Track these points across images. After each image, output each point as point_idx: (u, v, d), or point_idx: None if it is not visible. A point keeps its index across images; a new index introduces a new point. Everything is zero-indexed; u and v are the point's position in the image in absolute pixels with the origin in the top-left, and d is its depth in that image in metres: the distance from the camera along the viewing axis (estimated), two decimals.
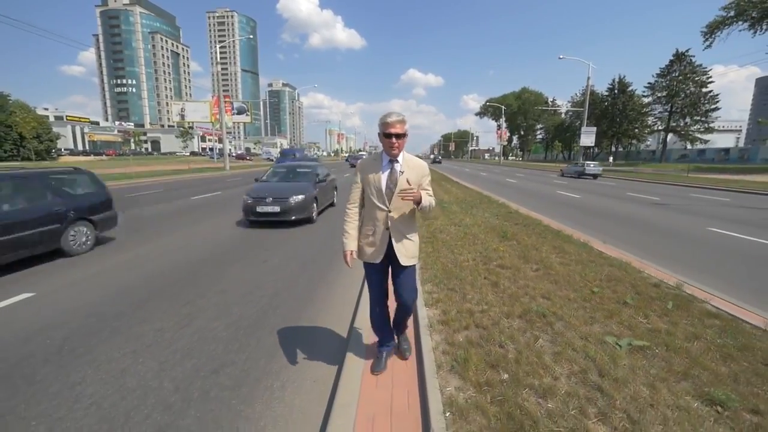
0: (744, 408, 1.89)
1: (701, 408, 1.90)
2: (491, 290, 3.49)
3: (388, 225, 2.14)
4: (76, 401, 2.29)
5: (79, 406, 2.24)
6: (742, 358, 2.36)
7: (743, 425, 1.78)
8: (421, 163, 2.17)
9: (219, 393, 2.37)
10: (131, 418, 2.13)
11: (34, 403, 2.28)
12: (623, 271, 4.09)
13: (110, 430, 2.04)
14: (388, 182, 2.09)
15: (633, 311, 3.06)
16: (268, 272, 4.77)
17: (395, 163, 2.10)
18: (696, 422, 1.78)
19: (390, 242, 2.16)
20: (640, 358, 2.37)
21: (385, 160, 2.12)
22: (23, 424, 2.09)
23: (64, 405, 2.25)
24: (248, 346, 2.94)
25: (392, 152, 2.06)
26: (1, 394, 2.35)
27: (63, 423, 2.09)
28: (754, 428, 1.76)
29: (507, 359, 2.33)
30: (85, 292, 4.08)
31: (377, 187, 2.11)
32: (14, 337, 3.07)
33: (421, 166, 2.16)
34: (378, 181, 2.11)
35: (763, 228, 7.88)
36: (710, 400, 1.95)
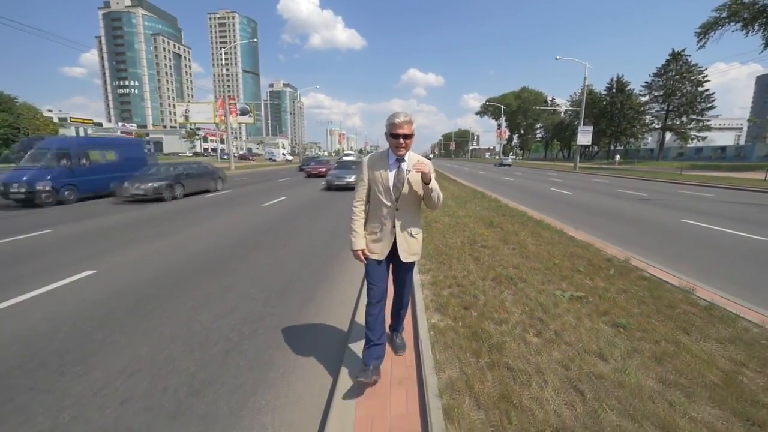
0: (637, 329, 2.73)
1: (608, 329, 2.73)
2: (473, 263, 4.33)
3: (395, 222, 2.20)
4: (160, 337, 3.12)
5: (163, 339, 3.08)
6: (651, 304, 3.18)
7: (632, 337, 2.61)
8: (425, 160, 2.22)
9: (264, 333, 3.20)
10: (204, 347, 2.96)
11: (132, 336, 3.12)
12: (585, 249, 4.93)
13: (190, 353, 2.87)
14: (395, 180, 2.14)
15: (582, 276, 3.89)
16: (287, 254, 5.61)
17: (402, 162, 2.16)
18: (600, 336, 2.62)
19: (395, 239, 2.22)
20: (576, 303, 3.20)
21: (392, 158, 2.17)
22: (129, 348, 2.93)
23: (153, 339, 3.09)
24: (280, 304, 3.78)
25: (399, 152, 2.11)
26: (106, 333, 3.19)
27: (154, 350, 2.92)
28: (638, 339, 2.59)
29: (477, 304, 3.16)
30: (138, 270, 4.92)
31: (385, 185, 2.15)
32: (95, 301, 3.90)
33: (426, 163, 2.18)
34: (386, 179, 2.15)
35: (734, 220, 8.64)
36: (616, 324, 2.78)
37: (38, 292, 4.08)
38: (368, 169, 2.23)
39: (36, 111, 51.64)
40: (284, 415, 2.18)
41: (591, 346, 2.46)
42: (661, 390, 2.04)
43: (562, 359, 2.33)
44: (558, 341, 2.55)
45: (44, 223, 8.18)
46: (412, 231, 2.26)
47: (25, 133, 47.59)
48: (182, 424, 2.12)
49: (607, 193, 14.72)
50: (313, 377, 2.56)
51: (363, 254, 2.24)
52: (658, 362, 2.30)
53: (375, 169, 2.20)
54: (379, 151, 2.33)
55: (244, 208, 10.46)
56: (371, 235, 2.25)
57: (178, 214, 9.45)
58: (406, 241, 2.24)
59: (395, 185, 2.14)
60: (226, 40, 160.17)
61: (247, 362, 2.73)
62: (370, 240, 2.25)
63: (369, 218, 2.28)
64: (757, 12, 29.45)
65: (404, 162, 2.15)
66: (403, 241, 2.23)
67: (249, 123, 46.78)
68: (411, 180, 2.14)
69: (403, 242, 2.22)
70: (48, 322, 3.38)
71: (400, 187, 2.14)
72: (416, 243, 2.30)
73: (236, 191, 14.84)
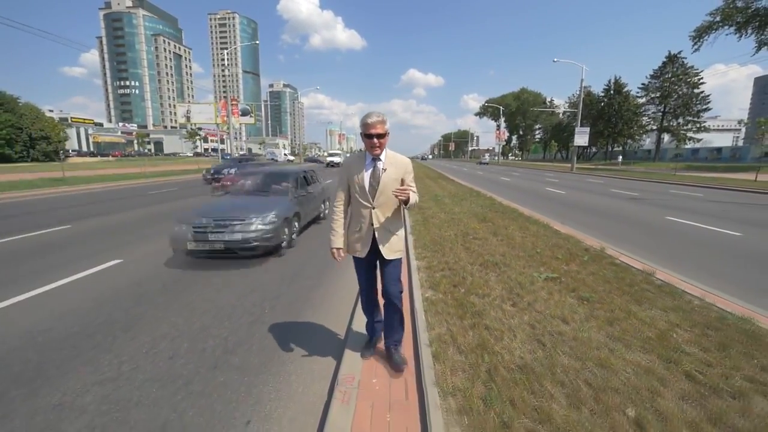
0: (597, 301, 3.25)
1: (573, 301, 3.25)
2: (464, 251, 4.85)
3: (372, 221, 2.22)
4: (193, 311, 3.63)
5: (195, 313, 3.59)
6: (615, 283, 3.70)
7: (592, 307, 3.13)
8: (404, 159, 2.26)
9: (281, 309, 3.71)
10: (231, 318, 3.47)
11: (167, 311, 3.63)
12: (566, 241, 5.45)
13: (220, 323, 3.38)
14: (371, 180, 2.17)
15: (560, 262, 4.41)
16: (294, 250, 6.13)
17: (378, 161, 2.18)
18: (565, 306, 3.14)
19: (374, 238, 2.24)
20: (550, 282, 3.72)
21: (368, 158, 2.20)
22: (166, 320, 3.44)
23: (187, 313, 3.60)
24: (292, 286, 4.30)
25: (374, 152, 2.14)
26: (144, 309, 3.70)
27: (189, 321, 3.43)
28: (597, 308, 3.11)
29: (465, 283, 3.68)
30: (161, 259, 5.41)
31: (361, 185, 2.19)
32: (128, 283, 4.41)
33: (404, 162, 2.24)
34: (362, 179, 2.18)
35: (715, 217, 9.13)
36: (580, 298, 3.30)
37: (76, 277, 4.58)
38: (345, 171, 2.29)
39: (38, 111, 52.02)
40: (305, 365, 2.69)
41: (556, 313, 2.98)
42: (606, 342, 2.56)
43: (530, 321, 2.84)
44: (530, 309, 3.07)
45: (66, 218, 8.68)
46: (391, 228, 2.26)
47: (28, 133, 47.95)
48: (222, 372, 2.62)
49: (601, 193, 15.22)
50: (327, 339, 3.07)
51: (341, 253, 2.33)
52: (609, 324, 2.82)
53: (352, 172, 2.23)
54: (356, 152, 2.40)
55: None
56: (353, 234, 2.30)
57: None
58: (386, 238, 2.24)
59: (371, 184, 2.18)
60: (227, 40, 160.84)
61: (269, 330, 3.25)
62: (352, 239, 2.31)
63: (351, 218, 2.33)
64: (750, 16, 30.07)
65: (380, 161, 2.18)
66: (382, 238, 2.24)
67: (250, 123, 47.29)
68: (386, 179, 2.16)
69: (382, 239, 2.23)
70: (91, 301, 3.88)
71: (375, 186, 2.17)
72: (397, 240, 2.30)
73: None
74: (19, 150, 47.84)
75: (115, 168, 31.31)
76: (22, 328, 3.26)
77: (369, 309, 2.58)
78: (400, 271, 2.38)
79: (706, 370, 2.23)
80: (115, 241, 6.46)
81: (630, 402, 1.93)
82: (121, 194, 14.00)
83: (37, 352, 2.88)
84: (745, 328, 2.73)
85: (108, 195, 13.80)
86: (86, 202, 11.88)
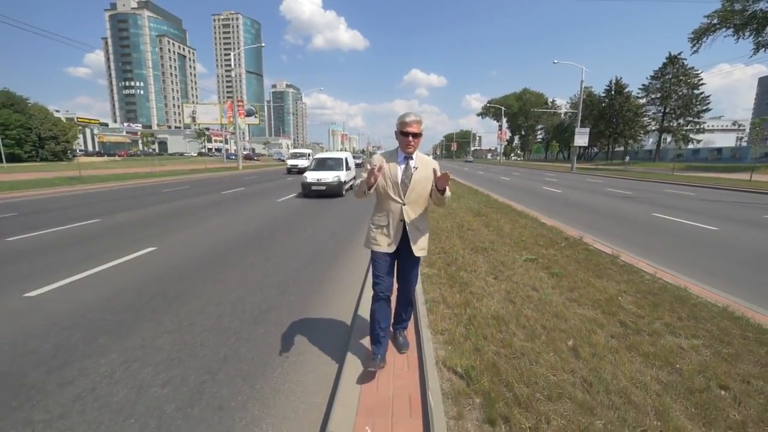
0: (565, 276, 3.93)
1: (544, 275, 3.94)
2: (458, 240, 5.54)
3: (402, 217, 2.27)
4: (228, 286, 4.33)
5: (231, 287, 4.30)
6: (584, 263, 4.39)
7: (560, 280, 3.82)
8: (432, 160, 2.36)
9: (302, 283, 4.42)
10: (263, 290, 4.18)
11: (206, 287, 4.35)
12: (550, 231, 6.14)
13: (254, 294, 4.08)
14: (403, 177, 2.25)
15: (540, 247, 5.10)
16: (308, 237, 6.84)
17: (410, 160, 2.27)
18: (537, 279, 3.83)
19: (404, 234, 2.29)
20: (528, 262, 4.41)
21: (401, 156, 2.29)
22: (206, 293, 4.16)
23: (224, 287, 4.31)
24: (309, 268, 5.00)
25: (408, 150, 2.23)
26: (185, 285, 4.42)
27: (227, 293, 4.14)
28: (563, 281, 3.79)
29: (457, 263, 4.38)
30: (191, 247, 6.14)
31: (394, 180, 2.26)
32: (167, 266, 5.12)
33: (433, 162, 2.34)
34: (395, 174, 2.26)
35: (699, 214, 9.74)
36: (551, 273, 3.99)
37: (120, 261, 5.27)
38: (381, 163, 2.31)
39: (47, 112, 52.95)
40: (325, 319, 3.39)
41: (529, 283, 3.67)
42: (564, 302, 3.25)
43: (507, 289, 3.54)
44: (508, 281, 3.76)
45: (94, 213, 9.43)
46: (419, 226, 2.35)
47: (37, 133, 48.79)
48: (261, 326, 3.33)
49: (596, 192, 15.82)
50: (344, 305, 3.77)
51: (376, 170, 2.15)
52: (570, 291, 3.51)
53: (385, 166, 2.28)
54: (389, 150, 2.47)
55: (264, 201, 11.70)
56: (378, 228, 2.34)
57: (212, 206, 10.71)
58: (415, 235, 2.32)
59: (403, 181, 2.25)
60: (230, 41, 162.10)
61: (295, 297, 3.96)
62: (377, 233, 2.34)
63: (376, 211, 2.39)
64: (747, 19, 30.56)
65: (412, 160, 2.27)
66: (413, 235, 2.31)
67: (255, 124, 48.10)
68: (418, 176, 2.25)
69: (412, 236, 2.31)
70: (139, 279, 4.59)
71: (407, 183, 2.25)
72: (424, 238, 2.40)
73: (251, 188, 16.10)
74: (28, 150, 48.48)
75: (124, 167, 32.16)
76: (90, 298, 3.97)
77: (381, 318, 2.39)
78: (419, 268, 2.52)
79: (636, 319, 2.91)
80: (145, 233, 7.18)
81: (571, 337, 2.62)
82: (137, 192, 14.76)
83: (110, 313, 3.59)
84: (679, 294, 3.42)
85: (126, 192, 14.56)
86: (107, 199, 12.64)
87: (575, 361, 2.33)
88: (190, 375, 2.55)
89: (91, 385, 2.44)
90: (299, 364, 2.72)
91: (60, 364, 2.68)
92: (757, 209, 10.99)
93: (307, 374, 2.58)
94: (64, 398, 2.31)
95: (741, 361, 2.35)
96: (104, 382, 2.47)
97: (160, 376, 2.55)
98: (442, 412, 1.83)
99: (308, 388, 2.43)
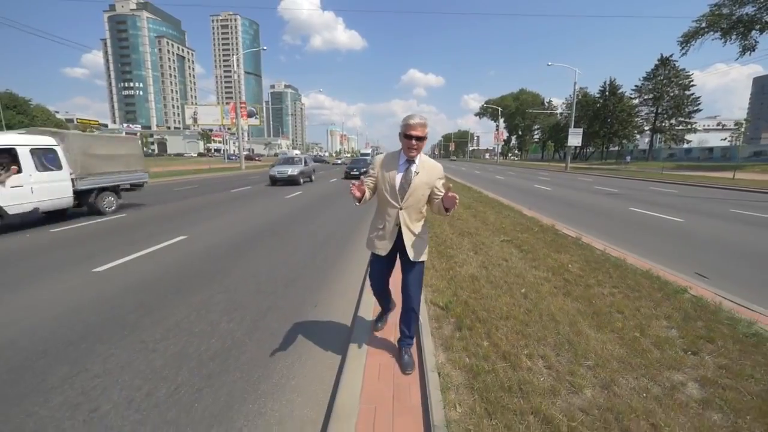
0: (531, 251, 4.91)
1: (514, 251, 4.93)
2: (448, 227, 6.51)
3: (399, 221, 2.25)
4: (257, 264, 5.27)
5: (256, 266, 5.24)
6: (550, 243, 5.36)
7: (527, 254, 4.78)
8: (437, 165, 2.28)
9: (318, 263, 5.37)
10: (287, 267, 5.12)
11: (236, 266, 5.29)
12: (528, 221, 7.12)
13: (277, 270, 5.02)
14: (402, 181, 2.20)
15: (516, 232, 6.07)
16: (318, 227, 7.80)
17: (412, 164, 2.20)
18: (508, 253, 4.80)
19: (400, 238, 2.27)
20: (504, 243, 5.38)
21: (402, 159, 2.23)
22: (237, 271, 5.10)
23: (251, 266, 5.25)
24: (322, 251, 5.96)
25: (410, 153, 2.17)
26: (217, 267, 5.36)
27: (254, 271, 5.08)
28: (529, 254, 4.75)
29: (445, 243, 5.35)
30: (218, 235, 7.08)
31: (392, 184, 2.22)
32: (200, 250, 6.06)
33: (437, 168, 2.27)
34: (393, 178, 2.22)
35: (672, 209, 10.56)
36: (521, 249, 4.97)
37: (157, 247, 6.12)
38: (379, 167, 2.31)
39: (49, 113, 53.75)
40: (336, 293, 4.34)
41: (500, 256, 4.65)
42: (527, 267, 4.22)
43: (483, 260, 4.51)
44: (484, 255, 4.74)
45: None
46: (417, 231, 2.30)
47: None
48: (292, 290, 4.27)
49: (584, 190, 16.75)
50: (354, 278, 4.72)
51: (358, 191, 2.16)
52: (533, 261, 4.48)
53: (385, 168, 2.28)
54: (392, 151, 2.41)
55: (273, 197, 12.65)
56: (376, 231, 2.35)
57: (225, 202, 11.65)
58: (412, 240, 2.28)
59: (402, 185, 2.20)
60: (229, 41, 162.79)
61: (314, 273, 4.91)
62: (374, 236, 2.36)
63: (376, 215, 2.39)
64: (734, 23, 31.70)
65: (414, 164, 2.21)
66: (409, 240, 2.27)
67: (256, 125, 48.97)
68: (418, 182, 2.19)
69: (408, 241, 2.27)
70: (178, 261, 5.47)
71: (406, 187, 2.19)
72: (423, 243, 2.34)
73: (258, 187, 17.04)
74: None
75: None
76: (147, 272, 4.90)
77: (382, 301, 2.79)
78: (422, 275, 2.43)
79: (576, 278, 3.88)
80: (173, 225, 8.09)
81: (525, 287, 3.59)
82: (152, 191, 15.63)
83: (168, 282, 4.52)
84: (617, 263, 4.39)
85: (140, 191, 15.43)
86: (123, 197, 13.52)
87: (524, 300, 3.30)
88: (246, 317, 3.51)
89: (175, 323, 3.38)
90: (328, 308, 3.68)
91: (146, 312, 3.61)
92: (727, 204, 11.95)
93: (334, 312, 3.55)
94: (160, 330, 3.25)
95: (640, 300, 3.32)
96: (185, 321, 3.41)
97: (224, 317, 3.50)
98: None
99: (333, 327, 3.39)
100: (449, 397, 2.00)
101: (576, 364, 2.30)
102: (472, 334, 2.69)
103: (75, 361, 2.73)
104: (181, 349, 2.92)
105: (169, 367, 2.66)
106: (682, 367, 2.29)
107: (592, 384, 2.12)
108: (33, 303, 3.85)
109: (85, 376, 2.56)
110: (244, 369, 2.65)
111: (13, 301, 3.89)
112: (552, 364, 2.32)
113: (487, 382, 2.09)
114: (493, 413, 1.85)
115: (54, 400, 2.31)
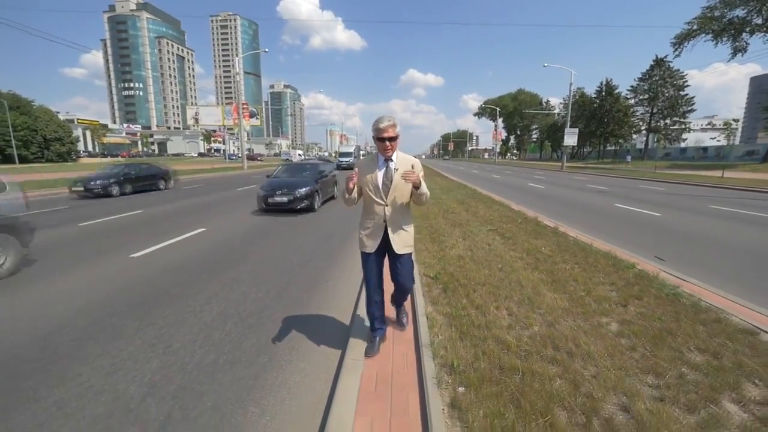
0: (512, 237, 5.65)
1: (498, 238, 5.66)
2: (442, 219, 7.26)
3: (385, 218, 2.36)
4: (272, 251, 6.00)
5: (274, 252, 5.97)
6: (530, 231, 6.10)
7: (508, 240, 5.53)
8: (413, 159, 2.38)
9: (323, 252, 6.10)
10: (298, 253, 5.86)
11: (254, 253, 6.03)
12: (515, 214, 7.87)
13: (291, 256, 5.76)
14: (384, 179, 2.32)
15: (502, 223, 6.82)
16: (325, 220, 8.53)
17: (390, 162, 2.31)
18: (492, 239, 5.55)
19: (386, 233, 2.39)
20: (490, 232, 6.12)
21: (380, 159, 2.34)
22: (256, 256, 5.84)
23: (265, 253, 5.99)
24: (327, 243, 6.70)
25: (387, 154, 2.28)
26: (237, 255, 6.09)
27: (269, 257, 5.81)
28: (510, 240, 5.50)
29: (438, 232, 6.10)
30: (234, 228, 7.81)
31: (375, 183, 2.33)
32: (218, 241, 6.79)
33: (413, 161, 2.36)
34: (375, 178, 2.33)
35: (654, 205, 11.17)
36: (503, 236, 5.71)
37: (180, 238, 6.87)
38: (360, 172, 2.40)
39: (52, 114, 54.05)
40: (345, 269, 5.08)
41: (485, 241, 5.39)
42: (506, 250, 4.96)
43: (469, 244, 5.26)
44: (471, 240, 5.48)
45: (132, 206, 11.07)
46: (402, 224, 2.42)
47: (43, 135, 49.82)
48: (306, 269, 5.01)
49: (576, 188, 17.38)
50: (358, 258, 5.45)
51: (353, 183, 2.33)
52: (512, 245, 5.22)
53: (365, 173, 2.38)
54: (369, 155, 2.58)
55: None
56: (365, 230, 2.47)
57: (234, 200, 12.36)
58: (398, 234, 2.40)
59: (384, 183, 2.32)
60: (228, 42, 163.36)
61: (322, 261, 5.65)
62: (363, 235, 2.48)
63: (363, 215, 2.51)
64: (725, 25, 32.49)
65: (392, 162, 2.32)
66: (395, 234, 2.39)
67: (257, 125, 49.62)
68: (399, 178, 2.29)
69: (394, 235, 2.39)
70: (201, 249, 6.21)
71: (388, 184, 2.31)
72: (408, 236, 2.46)
73: None
74: (34, 151, 49.11)
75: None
76: (177, 258, 5.62)
77: (375, 313, 2.65)
78: (412, 266, 2.58)
79: (546, 257, 4.63)
80: (190, 219, 8.81)
81: (502, 264, 4.33)
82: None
83: (197, 265, 5.24)
84: (583, 246, 5.14)
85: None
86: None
87: (499, 272, 4.05)
88: (271, 289, 4.24)
89: (214, 293, 4.12)
90: (339, 282, 4.42)
91: (187, 287, 4.34)
92: (708, 200, 12.64)
93: (344, 287, 4.29)
94: (202, 298, 3.98)
95: (595, 273, 4.06)
96: (222, 291, 4.15)
97: (253, 288, 4.23)
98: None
99: (345, 295, 4.13)
100: (434, 330, 2.75)
101: (531, 312, 3.05)
102: (454, 294, 3.44)
103: (141, 318, 3.47)
104: (224, 310, 3.66)
105: (217, 321, 3.40)
106: (610, 314, 3.04)
107: (540, 323, 2.86)
108: (91, 280, 4.60)
109: (152, 328, 3.29)
110: (277, 322, 3.39)
111: (72, 281, 4.62)
112: (513, 312, 3.06)
113: (462, 321, 2.84)
114: (464, 338, 2.60)
115: (135, 342, 3.04)
